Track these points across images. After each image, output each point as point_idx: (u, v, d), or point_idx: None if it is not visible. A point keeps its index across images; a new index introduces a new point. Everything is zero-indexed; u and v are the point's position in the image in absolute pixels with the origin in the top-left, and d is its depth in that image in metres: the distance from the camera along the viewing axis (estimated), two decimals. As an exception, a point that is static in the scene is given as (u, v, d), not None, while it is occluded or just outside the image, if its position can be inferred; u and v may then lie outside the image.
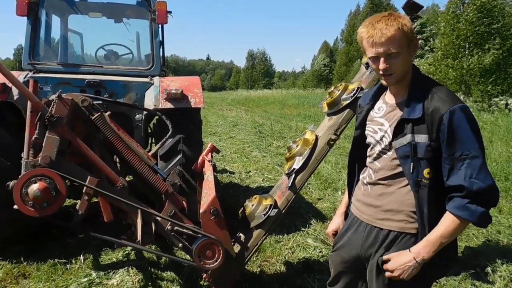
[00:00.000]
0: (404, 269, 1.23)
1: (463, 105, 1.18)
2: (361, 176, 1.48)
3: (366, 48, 1.27)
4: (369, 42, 1.23)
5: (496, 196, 1.19)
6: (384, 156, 1.34)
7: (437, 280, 2.32)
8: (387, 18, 1.22)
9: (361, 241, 1.40)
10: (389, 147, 1.31)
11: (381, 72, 1.26)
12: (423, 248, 1.21)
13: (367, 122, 1.44)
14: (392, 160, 1.30)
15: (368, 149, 1.43)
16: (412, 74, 1.30)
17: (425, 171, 1.21)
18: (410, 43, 1.24)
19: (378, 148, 1.36)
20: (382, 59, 1.24)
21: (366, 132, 1.43)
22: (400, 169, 1.28)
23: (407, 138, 1.23)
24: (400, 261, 1.24)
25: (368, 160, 1.43)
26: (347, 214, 1.61)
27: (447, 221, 1.19)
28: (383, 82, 1.32)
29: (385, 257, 1.29)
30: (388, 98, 1.39)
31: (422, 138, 1.21)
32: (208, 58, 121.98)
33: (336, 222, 1.66)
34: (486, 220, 1.18)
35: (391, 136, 1.29)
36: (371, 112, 1.44)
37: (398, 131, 1.27)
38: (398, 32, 1.20)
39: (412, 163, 1.22)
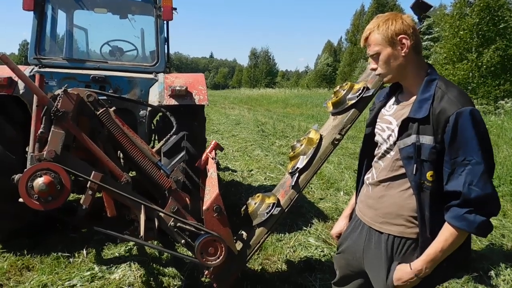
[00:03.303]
0: (407, 285, 1.23)
1: (472, 108, 1.13)
2: (365, 177, 1.46)
3: None
4: None
5: (495, 206, 1.14)
6: (388, 156, 1.32)
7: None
8: (371, 22, 1.27)
9: (364, 244, 1.39)
10: (393, 146, 1.29)
11: None
12: (424, 263, 1.19)
13: (377, 120, 1.41)
14: (395, 160, 1.28)
15: (376, 148, 1.40)
16: (426, 74, 1.26)
17: (428, 174, 1.18)
18: (390, 42, 1.23)
19: (384, 147, 1.34)
20: (370, 59, 1.31)
21: (375, 130, 1.41)
22: (402, 170, 1.25)
23: (412, 138, 1.20)
24: (403, 278, 1.23)
25: (374, 159, 1.41)
26: (352, 216, 1.60)
27: (446, 233, 1.16)
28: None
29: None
30: (400, 96, 1.36)
31: (427, 140, 1.18)
32: (211, 56, 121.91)
33: (340, 224, 1.64)
34: (486, 230, 1.15)
35: (396, 135, 1.27)
36: (382, 109, 1.42)
37: (403, 130, 1.24)
38: (373, 34, 1.25)
39: (415, 165, 1.19)
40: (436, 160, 1.17)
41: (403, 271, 1.24)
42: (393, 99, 1.40)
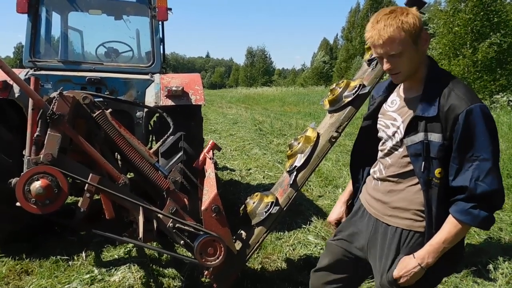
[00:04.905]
0: (410, 275, 1.23)
1: (481, 105, 1.13)
2: (371, 170, 1.47)
3: (371, 48, 1.25)
4: (370, 43, 1.22)
5: (501, 201, 1.16)
6: (395, 152, 1.31)
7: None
8: (387, 17, 1.17)
9: (369, 234, 1.40)
10: (400, 143, 1.28)
11: (386, 72, 1.25)
12: (427, 253, 1.21)
13: (379, 116, 1.40)
14: (403, 157, 1.28)
15: (380, 143, 1.40)
16: (428, 68, 1.25)
17: (437, 171, 1.19)
18: (415, 39, 1.17)
19: (389, 144, 1.33)
20: (385, 60, 1.22)
21: (378, 126, 1.40)
22: (410, 167, 1.25)
23: (420, 136, 1.20)
24: (406, 268, 1.24)
25: (380, 154, 1.40)
26: (350, 203, 1.61)
27: (450, 226, 1.18)
28: (392, 79, 1.29)
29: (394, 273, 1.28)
30: (402, 91, 1.34)
31: (435, 137, 1.18)
32: (207, 56, 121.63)
33: (338, 211, 1.65)
34: (489, 224, 1.17)
35: (403, 133, 1.26)
36: (384, 105, 1.40)
37: (410, 128, 1.23)
38: (397, 31, 1.14)
39: (423, 162, 1.20)
40: (444, 157, 1.18)
41: (407, 261, 1.25)
42: (394, 94, 1.38)
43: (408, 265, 1.23)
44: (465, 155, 1.14)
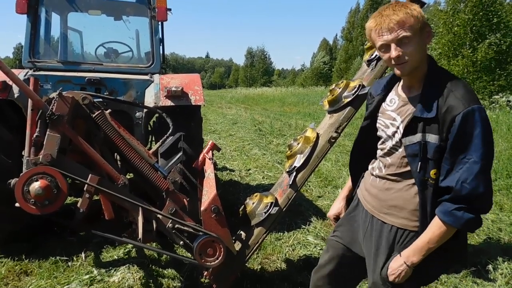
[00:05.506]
0: (396, 273, 1.25)
1: (478, 107, 1.12)
2: (370, 166, 1.47)
3: (375, 39, 1.21)
4: (377, 31, 1.18)
5: (486, 204, 1.15)
6: (396, 152, 1.31)
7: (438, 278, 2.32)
8: (394, 5, 1.17)
9: (365, 230, 1.42)
10: (400, 143, 1.28)
11: (393, 62, 1.19)
12: (412, 252, 1.23)
13: (379, 115, 1.40)
14: (403, 157, 1.28)
15: (379, 142, 1.40)
16: (427, 67, 1.24)
17: (432, 172, 1.19)
18: (422, 28, 1.17)
19: (389, 144, 1.33)
20: (393, 46, 1.16)
21: (378, 125, 1.40)
22: (409, 167, 1.26)
23: (418, 137, 1.20)
24: (393, 266, 1.26)
25: (379, 153, 1.40)
26: (349, 198, 1.63)
27: (434, 226, 1.19)
28: (397, 72, 1.23)
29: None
30: (401, 90, 1.33)
31: (432, 138, 1.18)
32: (207, 56, 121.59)
33: (338, 206, 1.68)
34: (473, 226, 1.17)
35: (402, 133, 1.26)
36: (382, 104, 1.39)
37: (409, 128, 1.23)
38: (407, 15, 1.14)
39: (420, 163, 1.20)
40: (440, 158, 1.18)
41: (395, 260, 1.28)
42: (393, 92, 1.37)
43: (395, 264, 1.26)
44: (457, 157, 1.14)
